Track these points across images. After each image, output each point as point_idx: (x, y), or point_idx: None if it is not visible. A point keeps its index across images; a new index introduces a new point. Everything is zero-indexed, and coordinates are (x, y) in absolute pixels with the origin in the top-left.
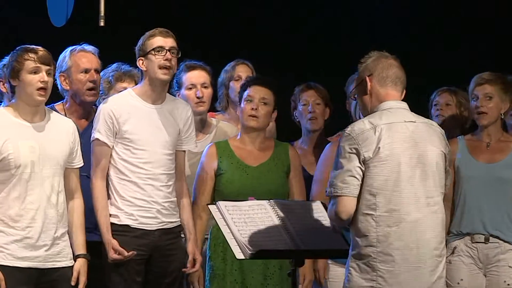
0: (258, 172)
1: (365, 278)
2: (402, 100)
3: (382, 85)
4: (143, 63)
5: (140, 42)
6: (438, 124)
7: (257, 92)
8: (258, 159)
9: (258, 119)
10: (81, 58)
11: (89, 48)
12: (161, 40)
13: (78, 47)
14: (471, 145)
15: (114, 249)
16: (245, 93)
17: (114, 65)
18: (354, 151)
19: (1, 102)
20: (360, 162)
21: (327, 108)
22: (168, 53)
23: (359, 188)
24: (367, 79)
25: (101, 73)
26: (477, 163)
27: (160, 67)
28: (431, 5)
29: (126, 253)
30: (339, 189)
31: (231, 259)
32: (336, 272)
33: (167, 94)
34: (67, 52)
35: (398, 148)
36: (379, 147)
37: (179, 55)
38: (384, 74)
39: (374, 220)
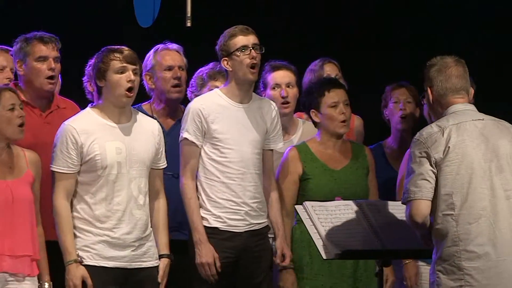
0: (344, 175)
1: (453, 278)
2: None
3: (443, 96)
4: (227, 63)
5: (221, 42)
6: None
7: (340, 96)
8: (340, 162)
9: (348, 123)
10: (164, 56)
11: (173, 46)
12: (244, 39)
13: (161, 46)
14: None
15: (208, 261)
16: (324, 99)
17: (210, 64)
18: (424, 154)
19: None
20: (431, 165)
21: (417, 107)
22: (252, 51)
23: (433, 190)
24: (429, 90)
25: (197, 71)
26: None
27: (248, 66)
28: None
29: (218, 263)
30: (412, 193)
31: (318, 263)
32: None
33: (253, 93)
34: (151, 51)
35: (469, 145)
36: (448, 147)
37: (263, 51)
38: (444, 86)
39: (454, 219)
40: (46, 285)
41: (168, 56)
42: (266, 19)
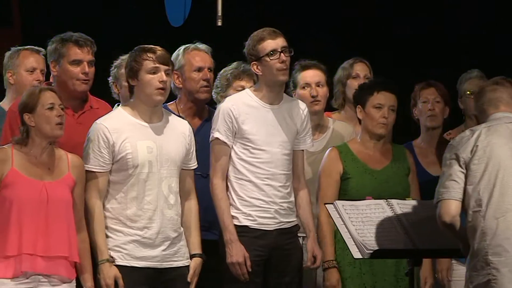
0: (385, 176)
1: (482, 274)
2: None
3: (483, 112)
4: (257, 67)
5: (249, 46)
6: None
7: (388, 100)
8: (380, 162)
9: (388, 126)
10: (195, 56)
11: (203, 46)
12: (272, 43)
13: (191, 46)
14: None
15: (239, 261)
16: (371, 99)
17: (234, 64)
18: (454, 156)
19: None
20: (460, 166)
21: (446, 106)
22: (282, 55)
23: (462, 190)
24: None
25: (221, 71)
26: None
27: (278, 70)
28: None
29: (248, 262)
30: (440, 194)
31: (359, 262)
32: (460, 271)
33: (284, 94)
34: (180, 50)
35: (496, 143)
36: (476, 145)
37: (292, 53)
38: (483, 107)
39: (481, 215)
40: None
41: (198, 57)
42: (296, 18)
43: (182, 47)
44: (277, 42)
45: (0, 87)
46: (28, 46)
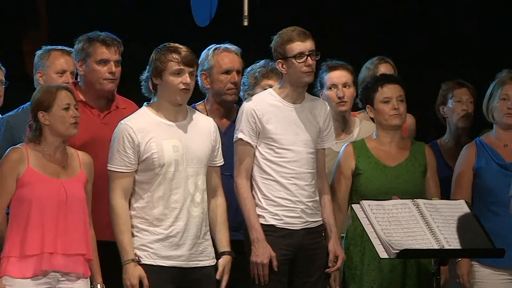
0: (397, 172)
1: None
2: None
3: None
4: (282, 65)
5: (277, 43)
6: None
7: (394, 91)
8: (395, 159)
9: (402, 116)
10: (224, 58)
11: (233, 48)
12: (301, 45)
13: (221, 46)
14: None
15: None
16: (377, 95)
17: (262, 62)
18: None
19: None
20: None
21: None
22: (309, 58)
23: None
24: None
25: (248, 68)
26: None
27: (303, 73)
28: None
29: (275, 262)
30: None
31: (368, 259)
32: (482, 273)
33: (306, 93)
34: (210, 50)
35: None
36: None
37: (319, 57)
38: None
39: None
40: (99, 286)
41: (227, 58)
42: (322, 17)
43: (212, 47)
44: (305, 45)
45: (32, 86)
46: (60, 47)
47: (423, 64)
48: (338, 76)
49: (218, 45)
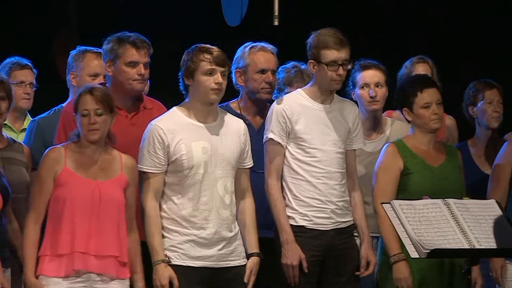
0: (442, 172)
1: None
2: None
3: None
4: (314, 67)
5: (312, 43)
6: None
7: (433, 96)
8: (436, 159)
9: (441, 120)
10: (260, 57)
11: (269, 47)
12: (335, 54)
13: (258, 45)
14: None
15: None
16: (416, 100)
17: (290, 65)
18: None
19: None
20: None
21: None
22: (340, 68)
23: None
24: None
25: (280, 68)
26: None
27: (332, 80)
28: None
29: (305, 264)
30: None
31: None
32: None
33: (335, 94)
34: (246, 48)
35: None
36: None
37: (351, 67)
38: None
39: None
40: None
41: (263, 58)
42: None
43: (248, 45)
44: (340, 55)
45: (63, 87)
46: (94, 49)
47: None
48: (371, 75)
49: (254, 44)
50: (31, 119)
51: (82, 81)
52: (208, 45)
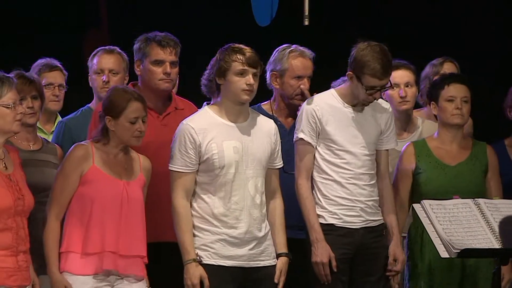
0: (457, 172)
1: None
2: None
3: None
4: (351, 79)
5: (358, 60)
6: None
7: (459, 91)
8: (456, 158)
9: (464, 117)
10: (298, 63)
11: (308, 52)
12: (377, 82)
13: (298, 50)
14: None
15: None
16: (442, 92)
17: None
18: None
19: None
20: None
21: None
22: (378, 92)
23: None
24: None
25: None
26: None
27: (365, 99)
28: None
29: (334, 263)
30: None
31: (428, 258)
32: None
33: None
34: (286, 51)
35: None
36: None
37: (388, 89)
38: None
39: None
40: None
41: (301, 64)
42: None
43: (288, 49)
44: (381, 83)
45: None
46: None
47: None
48: (401, 75)
49: (294, 47)
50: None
51: (91, 80)
52: (241, 45)
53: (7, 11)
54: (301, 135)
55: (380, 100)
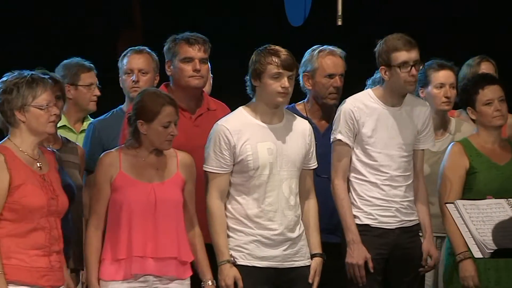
0: (508, 171)
1: None
2: None
3: None
4: (385, 72)
5: (382, 50)
6: None
7: (495, 93)
8: (502, 157)
9: (504, 117)
10: (328, 62)
11: (338, 51)
12: (406, 55)
13: (327, 49)
14: None
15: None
16: (478, 97)
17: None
18: None
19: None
20: None
21: None
22: (413, 68)
23: None
24: None
25: None
26: None
27: (406, 82)
28: None
29: (370, 264)
30: None
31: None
32: None
33: (408, 94)
34: (315, 52)
35: None
36: None
37: (423, 67)
38: None
39: None
40: (209, 282)
41: (331, 62)
42: (415, 16)
43: (317, 49)
44: (410, 55)
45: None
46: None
47: None
48: (447, 76)
49: (323, 47)
50: (91, 120)
51: (122, 81)
52: (277, 47)
53: (42, 12)
54: (338, 136)
55: (418, 99)
